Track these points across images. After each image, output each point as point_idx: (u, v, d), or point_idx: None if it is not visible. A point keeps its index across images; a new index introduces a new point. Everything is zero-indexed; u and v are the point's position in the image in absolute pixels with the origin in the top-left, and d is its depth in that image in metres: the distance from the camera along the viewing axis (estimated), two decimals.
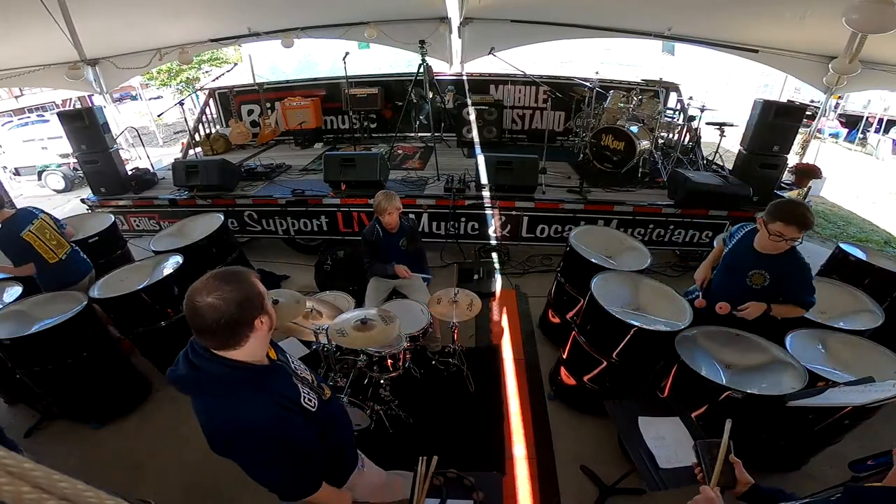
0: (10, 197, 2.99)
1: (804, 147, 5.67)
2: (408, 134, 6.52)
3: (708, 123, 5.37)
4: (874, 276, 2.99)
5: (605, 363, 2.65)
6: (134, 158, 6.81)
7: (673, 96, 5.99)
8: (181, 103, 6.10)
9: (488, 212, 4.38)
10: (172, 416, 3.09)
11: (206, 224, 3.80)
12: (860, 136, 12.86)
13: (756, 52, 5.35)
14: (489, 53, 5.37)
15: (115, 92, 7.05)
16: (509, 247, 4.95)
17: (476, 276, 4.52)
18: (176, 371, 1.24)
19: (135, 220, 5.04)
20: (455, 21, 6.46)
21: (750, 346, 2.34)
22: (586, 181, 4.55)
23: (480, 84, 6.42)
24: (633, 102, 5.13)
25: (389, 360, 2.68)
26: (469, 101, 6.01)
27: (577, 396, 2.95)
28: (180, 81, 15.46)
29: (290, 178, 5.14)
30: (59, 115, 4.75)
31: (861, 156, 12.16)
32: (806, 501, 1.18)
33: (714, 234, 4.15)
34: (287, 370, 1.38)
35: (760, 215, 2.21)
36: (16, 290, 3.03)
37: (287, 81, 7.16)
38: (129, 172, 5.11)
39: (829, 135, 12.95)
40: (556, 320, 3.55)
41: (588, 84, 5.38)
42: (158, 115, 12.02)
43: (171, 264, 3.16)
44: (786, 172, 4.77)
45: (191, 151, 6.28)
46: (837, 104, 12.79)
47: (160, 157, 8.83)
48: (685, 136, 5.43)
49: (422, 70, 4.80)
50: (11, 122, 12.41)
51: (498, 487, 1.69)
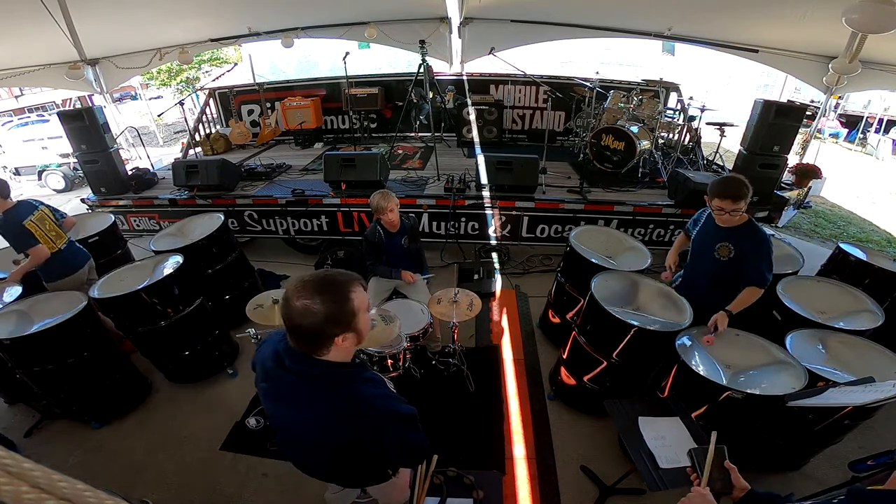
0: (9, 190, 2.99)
1: (804, 147, 5.67)
2: (408, 134, 6.52)
3: (708, 123, 5.37)
4: (874, 276, 2.99)
5: (605, 363, 2.65)
6: (134, 158, 6.81)
7: (673, 96, 5.99)
8: (181, 103, 6.10)
9: (488, 212, 4.38)
10: (172, 416, 3.09)
11: (206, 224, 3.79)
12: (860, 136, 12.86)
13: (756, 52, 5.35)
14: (489, 53, 5.37)
15: (115, 92, 7.04)
16: (509, 247, 4.95)
17: (476, 276, 4.53)
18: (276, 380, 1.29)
19: (135, 220, 5.04)
20: (455, 21, 6.47)
21: (750, 346, 2.34)
22: (586, 181, 4.54)
23: (480, 84, 6.42)
24: (634, 102, 5.13)
25: (389, 360, 2.68)
26: (469, 101, 6.00)
27: (577, 396, 2.95)
28: (180, 81, 15.46)
29: (290, 178, 5.14)
30: (59, 114, 4.74)
31: (861, 156, 12.17)
32: None
33: None
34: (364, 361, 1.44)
35: (706, 196, 2.37)
36: (16, 290, 3.02)
37: (287, 81, 7.17)
38: (129, 172, 5.12)
39: (830, 135, 12.95)
40: (556, 320, 3.55)
41: (588, 84, 5.38)
42: (158, 115, 12.02)
43: (171, 264, 3.15)
44: (786, 172, 4.76)
45: (191, 151, 6.29)
46: (837, 104, 12.78)
47: (160, 157, 8.82)
48: (685, 136, 5.43)
49: (422, 70, 4.79)
50: (11, 121, 12.41)
51: (498, 486, 1.70)
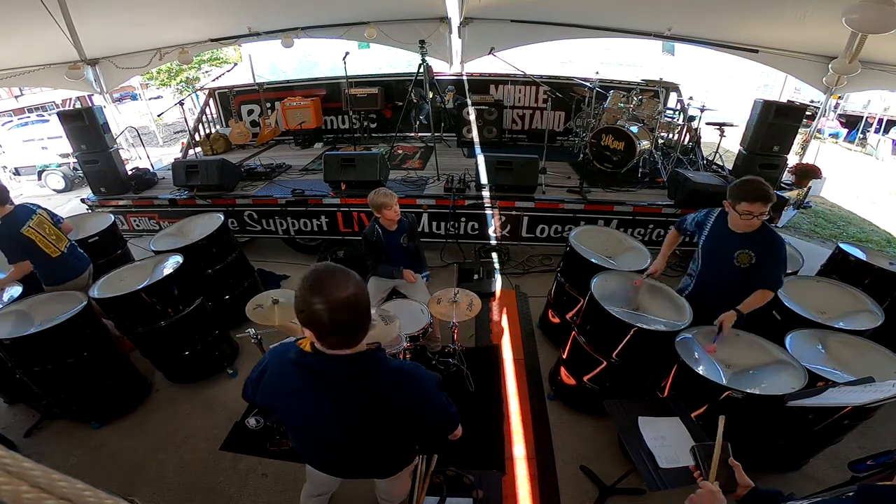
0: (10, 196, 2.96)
1: (804, 147, 5.67)
2: (408, 134, 6.52)
3: (708, 123, 5.37)
4: (874, 276, 3.00)
5: (604, 363, 2.65)
6: (134, 158, 6.81)
7: (673, 96, 5.98)
8: (181, 103, 6.10)
9: (488, 212, 4.37)
10: (172, 416, 3.09)
11: (206, 224, 3.79)
12: (860, 136, 12.86)
13: (756, 52, 5.35)
14: (489, 53, 5.37)
15: (115, 92, 7.04)
16: (509, 247, 4.95)
17: (476, 276, 4.53)
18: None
19: (135, 220, 5.04)
20: (455, 21, 6.46)
21: (750, 346, 2.34)
22: (586, 181, 4.54)
23: (480, 84, 6.42)
24: (633, 102, 5.13)
25: None
26: (469, 101, 6.00)
27: (577, 396, 2.95)
28: (180, 81, 15.46)
29: (290, 178, 5.13)
30: (59, 114, 4.74)
31: (861, 156, 12.17)
32: (817, 501, 1.17)
33: None
34: None
35: (726, 200, 2.29)
36: (16, 290, 3.03)
37: (287, 81, 7.16)
38: (129, 172, 5.11)
39: (829, 135, 12.95)
40: (556, 320, 3.55)
41: (588, 84, 5.38)
42: (158, 115, 12.02)
43: (171, 264, 3.15)
44: (785, 172, 4.76)
45: (191, 151, 6.28)
46: (837, 104, 12.79)
47: (160, 157, 8.82)
48: (685, 136, 5.43)
49: (422, 70, 4.79)
50: (11, 121, 12.40)
51: (497, 486, 1.70)
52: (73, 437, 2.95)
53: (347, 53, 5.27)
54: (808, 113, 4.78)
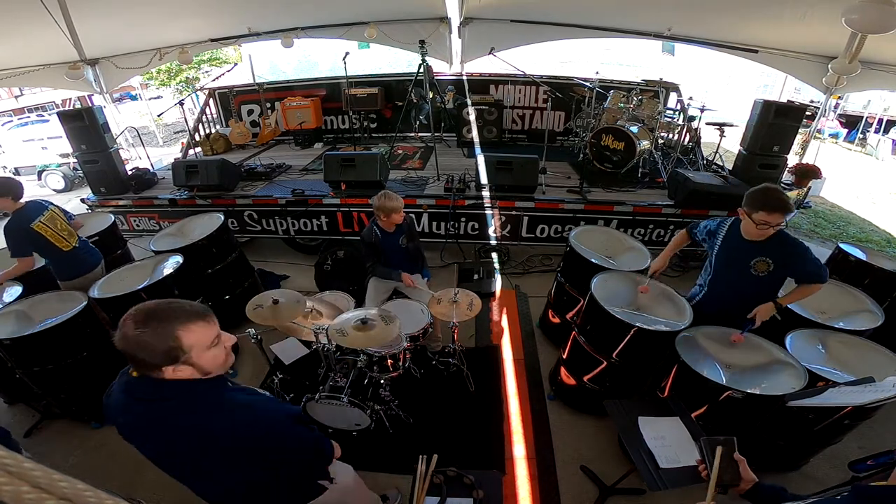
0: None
1: (804, 147, 5.67)
2: (408, 134, 6.52)
3: (708, 123, 5.37)
4: (874, 276, 2.99)
5: (605, 363, 2.64)
6: (134, 158, 6.81)
7: (673, 96, 5.99)
8: (181, 103, 6.10)
9: (488, 212, 4.38)
10: None
11: (206, 224, 3.79)
12: (860, 136, 12.87)
13: (756, 52, 5.35)
14: (489, 53, 5.37)
15: (114, 92, 7.04)
16: (509, 247, 4.95)
17: (476, 276, 4.53)
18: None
19: (135, 220, 5.04)
20: (455, 21, 6.46)
21: (750, 346, 2.34)
22: (586, 181, 4.54)
23: (480, 84, 6.42)
24: (633, 102, 5.13)
25: (389, 360, 2.69)
26: (469, 101, 6.00)
27: (577, 396, 2.95)
28: (180, 81, 15.46)
29: (290, 178, 5.14)
30: (59, 114, 4.74)
31: (861, 156, 12.17)
32: (812, 501, 1.18)
33: None
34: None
35: (741, 208, 2.24)
36: (16, 290, 3.02)
37: (287, 81, 7.16)
38: (129, 172, 5.11)
39: (829, 135, 12.95)
40: (556, 320, 3.55)
41: (588, 84, 5.38)
42: (158, 115, 12.03)
43: (171, 264, 3.15)
44: (785, 172, 4.76)
45: (191, 151, 6.28)
46: (837, 104, 12.80)
47: (160, 157, 8.83)
48: (685, 136, 5.43)
49: (422, 70, 4.79)
50: (11, 121, 12.41)
51: (498, 486, 1.69)
52: (73, 437, 2.94)
53: (347, 53, 5.27)
54: (807, 113, 4.78)
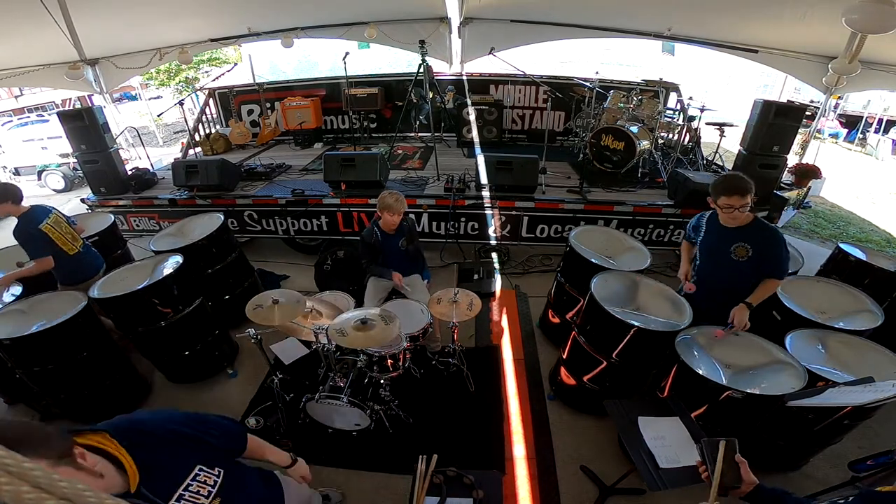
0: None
1: (804, 147, 5.67)
2: (408, 134, 6.52)
3: (708, 123, 5.37)
4: (874, 276, 2.99)
5: (604, 363, 2.64)
6: (134, 158, 6.81)
7: (673, 96, 5.99)
8: (181, 103, 6.09)
9: (488, 212, 4.38)
10: None
11: (206, 224, 3.79)
12: (860, 136, 12.87)
13: (756, 52, 5.35)
14: (489, 53, 5.37)
15: (114, 92, 7.05)
16: (509, 247, 4.95)
17: (476, 276, 4.53)
18: None
19: (135, 220, 5.04)
20: (455, 21, 6.47)
21: (750, 346, 2.34)
22: (586, 181, 4.54)
23: (480, 84, 6.42)
24: (633, 102, 5.13)
25: (389, 360, 2.69)
26: (469, 101, 6.00)
27: (577, 396, 2.95)
28: (179, 81, 15.46)
29: (290, 178, 5.13)
30: (59, 114, 4.74)
31: (861, 156, 12.17)
32: None
33: None
34: None
35: (710, 198, 2.36)
36: (16, 290, 3.03)
37: (287, 81, 7.16)
38: (129, 172, 5.11)
39: (829, 135, 12.96)
40: (556, 320, 3.55)
41: (588, 84, 5.38)
42: (158, 115, 12.03)
43: (171, 264, 3.15)
44: (785, 172, 4.76)
45: (191, 151, 6.28)
46: (837, 104, 12.79)
47: (160, 157, 8.83)
48: (685, 136, 5.43)
49: (422, 70, 4.79)
50: (11, 121, 12.41)
51: (498, 486, 1.70)
52: None
53: (347, 53, 5.27)
54: (807, 113, 4.77)
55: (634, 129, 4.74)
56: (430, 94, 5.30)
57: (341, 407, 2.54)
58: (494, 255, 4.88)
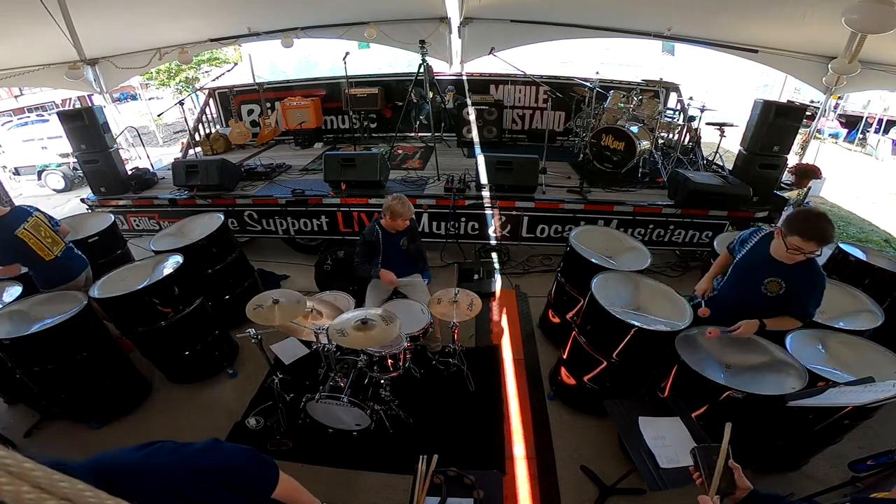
0: (9, 196, 2.94)
1: (804, 147, 5.68)
2: (408, 134, 6.52)
3: (708, 123, 5.37)
4: (874, 276, 2.99)
5: (605, 363, 2.64)
6: (134, 158, 6.83)
7: (673, 96, 5.99)
8: (181, 103, 6.09)
9: (488, 212, 4.38)
10: (172, 416, 3.09)
11: (206, 224, 3.79)
12: (860, 136, 12.86)
13: (756, 52, 5.36)
14: (489, 53, 5.37)
15: (114, 92, 7.05)
16: (509, 247, 4.95)
17: (476, 276, 4.53)
18: None
19: (135, 220, 5.04)
20: (455, 21, 6.47)
21: (750, 346, 2.34)
22: (586, 181, 4.54)
23: (480, 84, 6.42)
24: (633, 102, 5.13)
25: (389, 360, 2.69)
26: (469, 101, 6.00)
27: (577, 396, 2.95)
28: (179, 81, 15.46)
29: (290, 178, 5.13)
30: (59, 114, 4.74)
31: (861, 156, 12.17)
32: None
33: (714, 235, 4.14)
34: None
35: (779, 226, 2.11)
36: (16, 290, 3.02)
37: (287, 81, 7.16)
38: (129, 172, 5.11)
39: (829, 135, 12.95)
40: (556, 320, 3.55)
41: (588, 84, 5.38)
42: (158, 115, 12.03)
43: (171, 264, 3.15)
44: (785, 172, 4.76)
45: (191, 151, 6.28)
46: (837, 104, 12.79)
47: (160, 156, 8.84)
48: (685, 136, 5.43)
49: (422, 70, 4.79)
50: (11, 121, 12.40)
51: (498, 486, 1.70)
52: (73, 437, 2.94)
53: (347, 53, 5.27)
54: (807, 113, 4.77)
55: (635, 129, 4.74)
56: (431, 94, 5.30)
57: (341, 407, 2.54)
58: (495, 255, 4.88)
